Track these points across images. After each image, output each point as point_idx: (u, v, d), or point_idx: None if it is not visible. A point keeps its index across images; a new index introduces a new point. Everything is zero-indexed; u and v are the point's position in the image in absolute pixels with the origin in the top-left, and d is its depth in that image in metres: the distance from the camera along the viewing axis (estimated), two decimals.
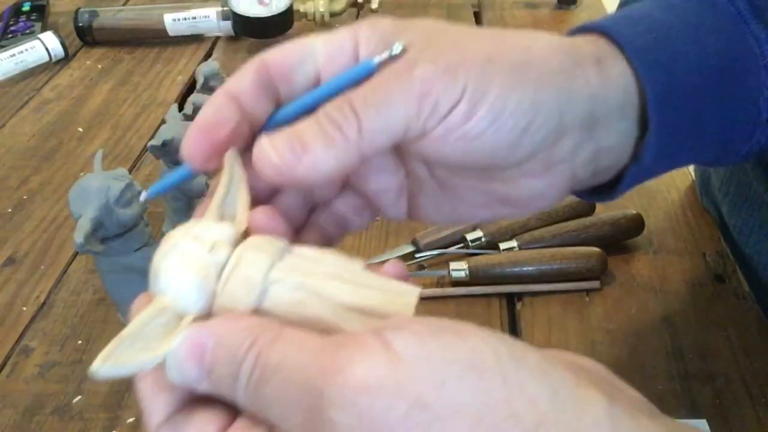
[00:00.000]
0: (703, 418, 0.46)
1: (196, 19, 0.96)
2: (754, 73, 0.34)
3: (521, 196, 0.32)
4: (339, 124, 0.27)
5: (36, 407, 0.49)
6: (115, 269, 0.51)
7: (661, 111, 0.32)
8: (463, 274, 0.55)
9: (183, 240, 0.26)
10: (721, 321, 0.52)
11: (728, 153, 0.36)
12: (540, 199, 0.33)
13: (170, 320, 0.25)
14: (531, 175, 0.31)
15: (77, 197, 0.48)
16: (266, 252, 0.26)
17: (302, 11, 0.94)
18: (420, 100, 0.28)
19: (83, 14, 0.97)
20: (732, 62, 0.33)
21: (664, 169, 0.36)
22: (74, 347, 0.54)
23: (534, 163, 0.31)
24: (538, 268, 0.55)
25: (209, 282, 0.25)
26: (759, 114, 0.34)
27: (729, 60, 0.33)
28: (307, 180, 0.28)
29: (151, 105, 0.85)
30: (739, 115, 0.34)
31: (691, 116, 0.33)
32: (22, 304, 0.58)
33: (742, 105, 0.34)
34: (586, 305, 0.54)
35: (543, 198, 0.33)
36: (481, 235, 0.59)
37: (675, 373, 0.49)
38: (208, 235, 0.26)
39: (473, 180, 0.33)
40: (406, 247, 0.60)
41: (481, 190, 0.33)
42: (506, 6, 1.05)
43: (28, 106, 0.86)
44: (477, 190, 0.33)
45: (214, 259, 0.25)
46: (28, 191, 0.72)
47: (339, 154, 0.27)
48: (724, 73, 0.33)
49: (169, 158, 0.59)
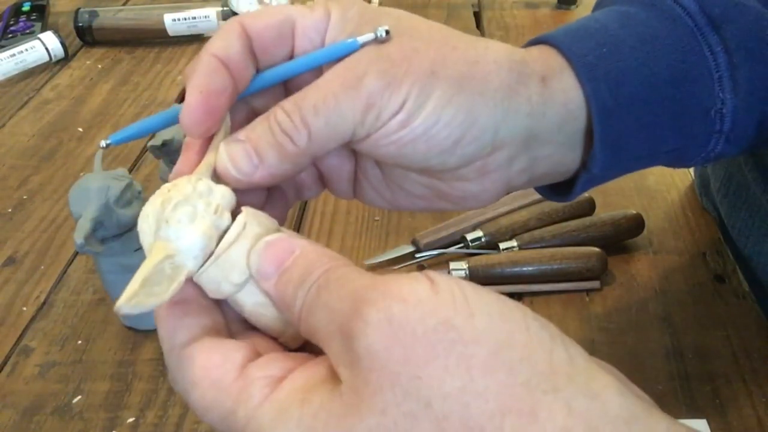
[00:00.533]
0: (703, 418, 0.46)
1: (196, 19, 0.96)
2: (707, 85, 0.34)
3: (457, 195, 0.35)
4: (290, 134, 0.30)
5: (36, 407, 0.49)
6: (115, 269, 0.51)
7: (605, 125, 0.33)
8: (463, 273, 0.55)
9: (192, 196, 0.27)
10: (721, 321, 0.52)
11: (684, 160, 0.38)
12: (474, 200, 0.35)
13: (170, 268, 0.27)
14: (465, 179, 0.34)
15: (77, 197, 0.48)
16: (264, 227, 0.28)
17: None
18: (365, 111, 0.30)
19: (83, 14, 0.97)
20: (685, 75, 0.34)
21: (616, 175, 0.37)
22: (74, 347, 0.54)
23: (468, 170, 0.33)
24: (538, 268, 0.55)
25: (211, 244, 0.27)
26: (713, 125, 0.35)
27: (682, 73, 0.34)
28: (264, 184, 0.31)
29: (151, 105, 0.85)
30: (693, 126, 0.35)
31: (641, 128, 0.34)
32: (22, 304, 0.58)
33: (695, 117, 0.35)
34: (586, 305, 0.54)
35: (477, 199, 0.35)
36: (481, 235, 0.59)
37: (675, 373, 0.49)
38: (213, 198, 0.28)
39: (413, 174, 0.35)
40: (406, 247, 0.60)
41: (420, 184, 0.35)
42: (506, 6, 1.05)
43: (28, 106, 0.86)
44: (416, 183, 0.35)
45: (217, 222, 0.27)
46: (28, 191, 0.72)
47: (291, 159, 0.30)
48: (677, 86, 0.34)
49: (169, 158, 0.59)
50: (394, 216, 0.65)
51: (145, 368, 0.52)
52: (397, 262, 0.59)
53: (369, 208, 0.66)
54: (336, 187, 0.37)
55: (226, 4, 0.94)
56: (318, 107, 0.30)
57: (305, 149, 0.30)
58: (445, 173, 0.34)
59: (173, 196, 0.27)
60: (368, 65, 0.30)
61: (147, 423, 0.48)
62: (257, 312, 0.28)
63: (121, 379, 0.51)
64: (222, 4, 0.96)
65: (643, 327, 0.52)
